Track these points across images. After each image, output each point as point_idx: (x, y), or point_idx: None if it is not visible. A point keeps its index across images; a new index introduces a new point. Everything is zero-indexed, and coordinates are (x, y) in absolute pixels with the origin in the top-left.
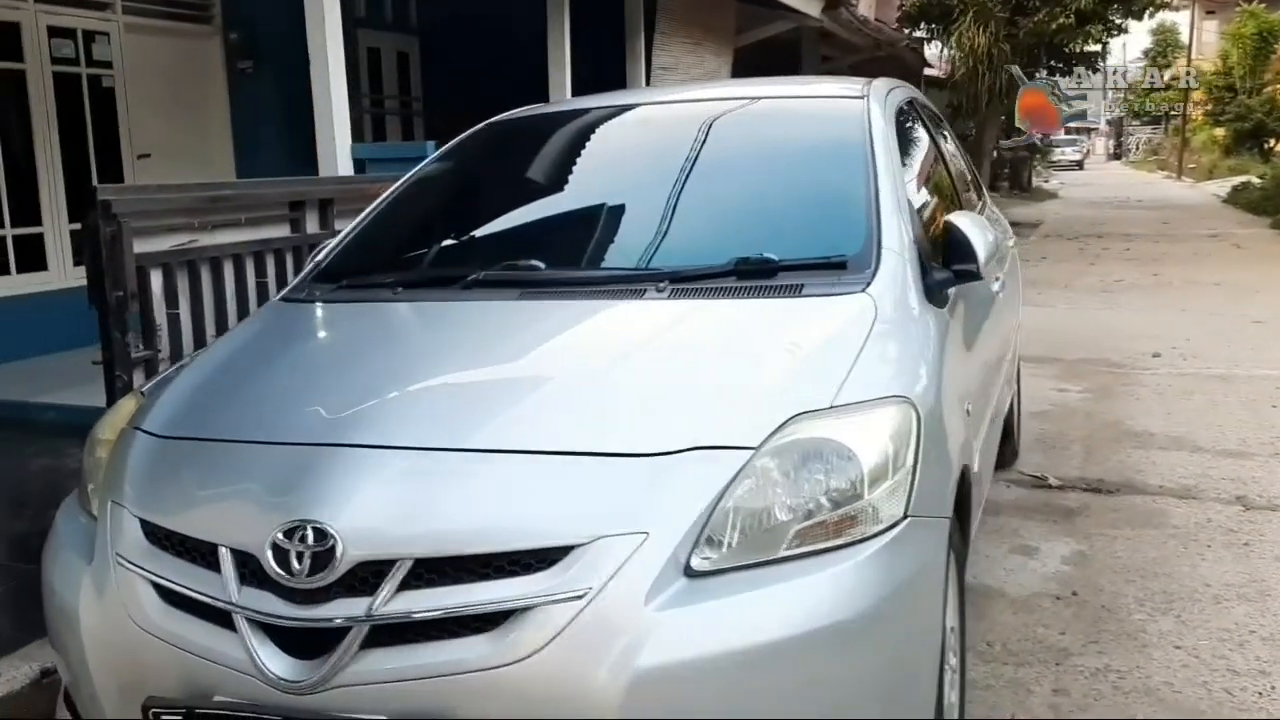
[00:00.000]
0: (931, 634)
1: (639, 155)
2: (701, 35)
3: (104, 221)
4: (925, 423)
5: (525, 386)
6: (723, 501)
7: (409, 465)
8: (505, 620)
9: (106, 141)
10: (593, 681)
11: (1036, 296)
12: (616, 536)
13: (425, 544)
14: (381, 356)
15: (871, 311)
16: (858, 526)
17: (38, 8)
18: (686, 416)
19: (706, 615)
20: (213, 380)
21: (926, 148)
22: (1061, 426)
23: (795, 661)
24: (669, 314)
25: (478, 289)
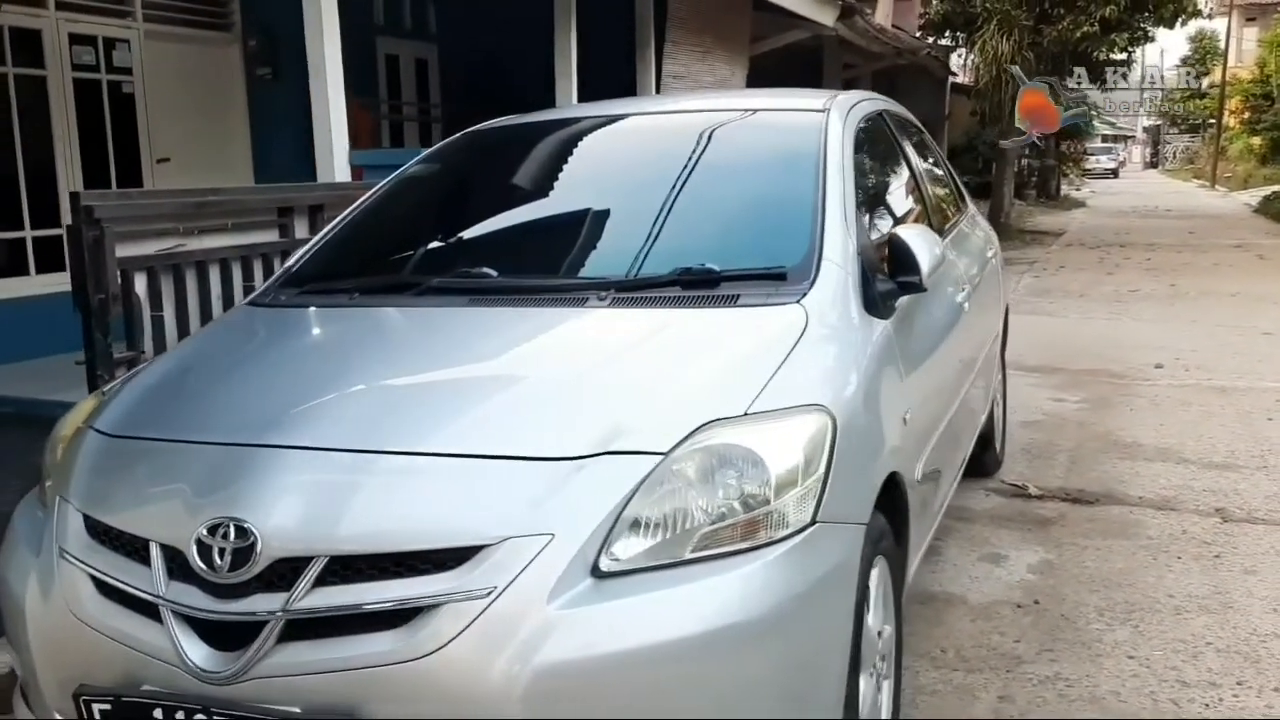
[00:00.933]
0: (839, 636)
1: (596, 167)
2: (712, 44)
3: (87, 226)
4: (843, 431)
5: (451, 391)
6: (630, 505)
7: (330, 466)
8: (414, 617)
9: (126, 146)
10: (494, 677)
11: (1048, 306)
12: (523, 537)
13: (340, 542)
14: (323, 360)
15: (802, 322)
16: (764, 531)
17: (59, 15)
18: (601, 422)
19: (609, 614)
20: (166, 381)
21: (891, 160)
22: (1051, 436)
23: (694, 661)
24: (604, 322)
25: (431, 295)
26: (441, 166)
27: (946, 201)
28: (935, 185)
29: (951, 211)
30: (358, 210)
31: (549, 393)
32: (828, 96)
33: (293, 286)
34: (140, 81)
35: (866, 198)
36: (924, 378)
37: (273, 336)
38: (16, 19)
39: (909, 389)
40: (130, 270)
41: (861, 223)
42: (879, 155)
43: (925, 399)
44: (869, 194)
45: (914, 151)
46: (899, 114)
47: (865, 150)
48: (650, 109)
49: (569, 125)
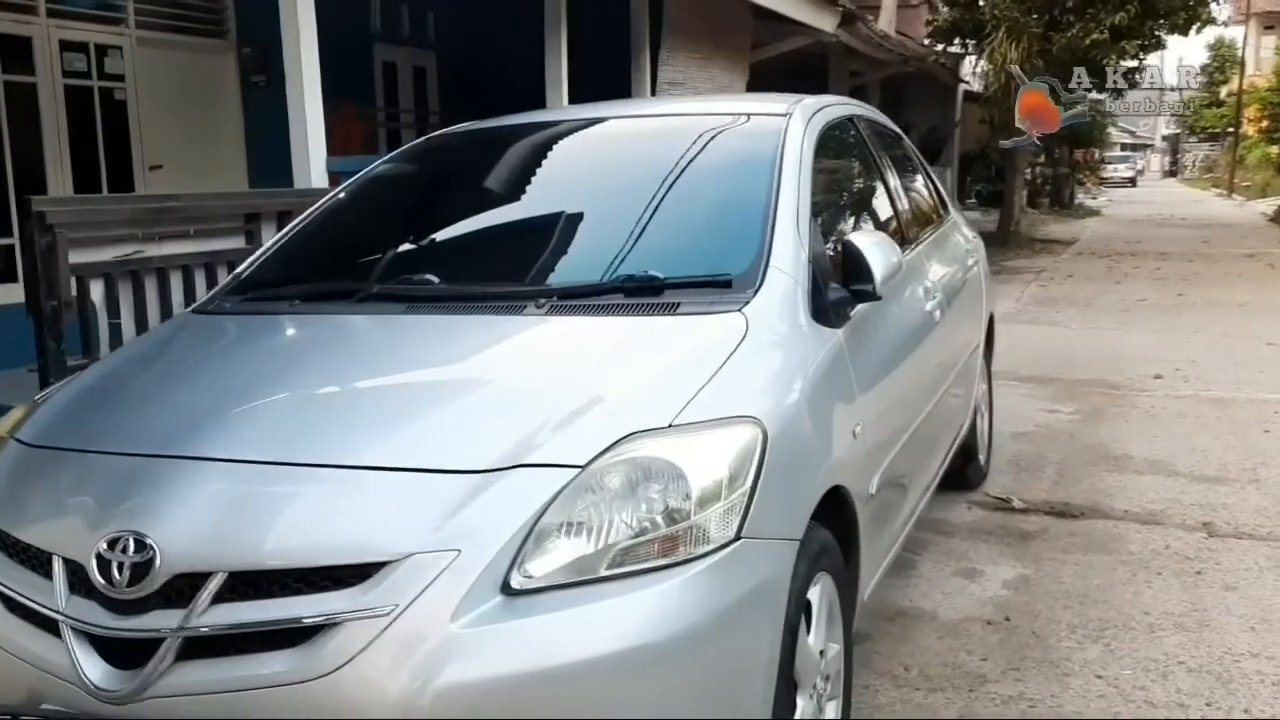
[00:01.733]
0: (764, 655)
1: (548, 174)
2: (711, 50)
3: (39, 232)
4: (775, 443)
5: (367, 401)
6: (543, 520)
7: (234, 478)
8: (314, 636)
9: (118, 153)
10: (391, 700)
11: (1052, 315)
12: (428, 554)
13: (240, 557)
14: (247, 369)
15: (742, 330)
16: (684, 547)
17: (49, 22)
18: (518, 434)
19: (516, 634)
20: (93, 389)
21: (859, 166)
22: (1041, 448)
23: (607, 682)
24: (537, 331)
25: (371, 302)
26: (396, 173)
27: (922, 209)
28: (910, 192)
29: (928, 219)
30: (310, 217)
31: (468, 403)
32: (792, 101)
33: (239, 294)
34: (133, 88)
35: (827, 204)
36: (882, 388)
37: (205, 345)
38: (6, 26)
39: (863, 400)
40: (86, 277)
41: (817, 230)
42: (845, 161)
43: (883, 411)
44: (831, 200)
45: (887, 157)
46: (873, 119)
47: (829, 156)
48: (611, 114)
49: (526, 131)
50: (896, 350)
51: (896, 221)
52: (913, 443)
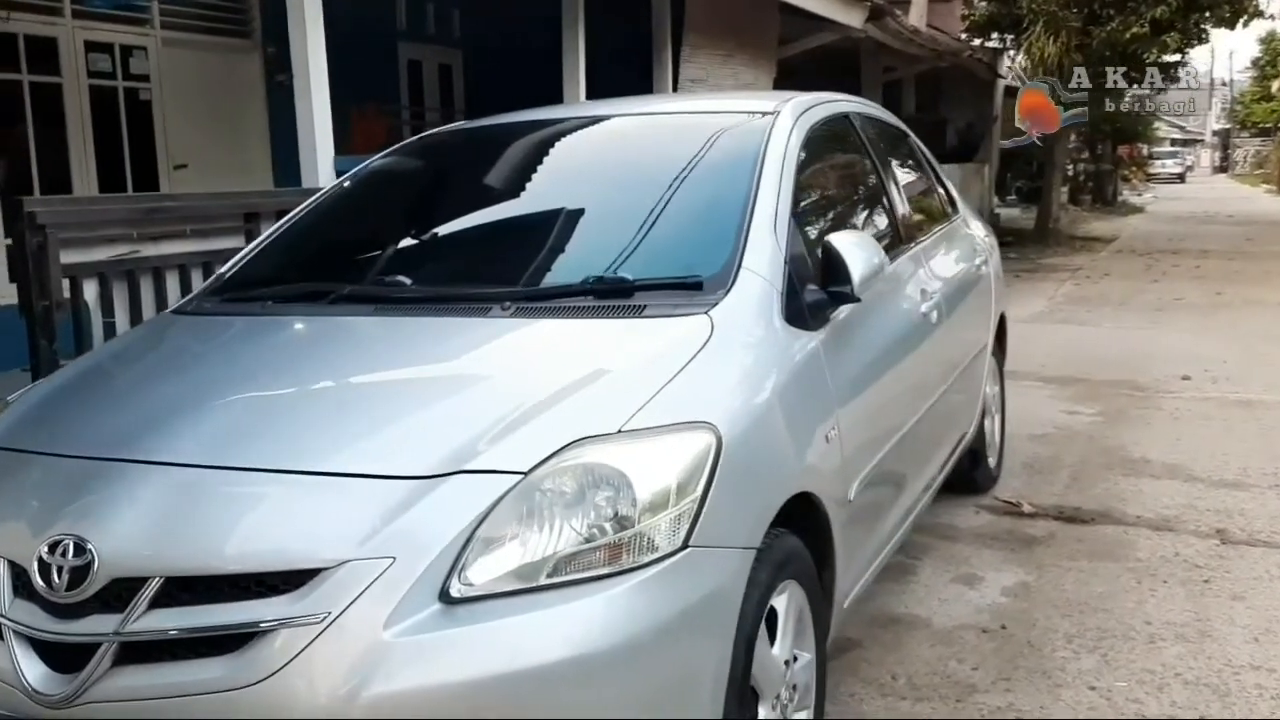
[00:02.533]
0: (712, 666)
1: (527, 175)
2: (735, 47)
3: (30, 232)
4: (731, 450)
5: (315, 404)
6: (483, 527)
7: (174, 482)
8: (247, 642)
9: (143, 153)
10: (323, 707)
11: (1084, 314)
12: (362, 561)
13: (176, 562)
14: (204, 370)
15: (705, 334)
16: (628, 555)
17: (75, 23)
18: (462, 439)
19: (451, 643)
20: (60, 390)
21: (854, 165)
22: (1057, 451)
23: (542, 692)
24: (498, 334)
25: (342, 303)
26: (378, 173)
27: (925, 208)
28: (911, 191)
29: (931, 218)
30: (295, 217)
31: (414, 407)
32: (782, 99)
33: (219, 294)
34: (158, 88)
35: (815, 204)
36: (867, 392)
37: (174, 346)
38: (32, 27)
39: (842, 404)
40: (79, 276)
41: (798, 230)
42: (838, 160)
43: (867, 414)
44: (819, 200)
45: (887, 156)
46: (873, 116)
47: (820, 155)
48: (600, 113)
49: (511, 131)
50: (885, 352)
51: (892, 221)
52: (904, 446)
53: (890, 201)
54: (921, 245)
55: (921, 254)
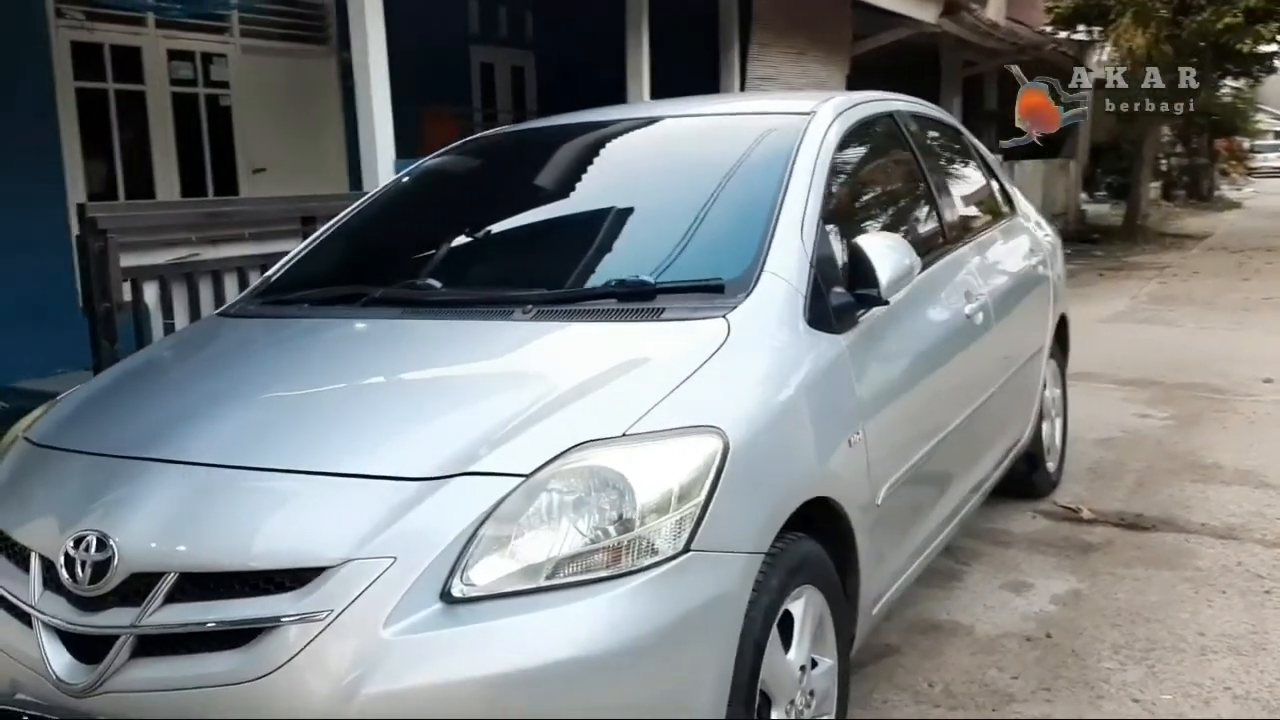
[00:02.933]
0: (713, 670)
1: (565, 178)
2: (806, 44)
3: (92, 237)
4: (739, 454)
5: (330, 405)
6: (485, 528)
7: (194, 481)
8: (255, 637)
9: (223, 157)
10: (321, 703)
11: (1167, 314)
12: (365, 560)
13: (189, 559)
14: (234, 371)
15: (721, 337)
16: (627, 558)
17: (158, 33)
18: (468, 441)
19: (450, 642)
20: (103, 390)
21: (897, 165)
22: (1124, 455)
23: (539, 693)
24: (517, 337)
25: (374, 306)
26: (420, 179)
27: (976, 207)
28: (961, 190)
29: (983, 218)
30: (340, 221)
31: (426, 409)
32: (821, 100)
33: (264, 296)
34: (237, 94)
35: (848, 205)
36: (900, 395)
37: (211, 347)
38: (118, 37)
39: (870, 408)
40: (140, 279)
41: (826, 232)
42: (879, 160)
43: (900, 418)
44: (853, 201)
45: (934, 155)
46: (924, 114)
47: (860, 155)
48: (634, 116)
49: (550, 135)
50: (921, 355)
51: (937, 221)
52: (944, 450)
53: (935, 201)
54: (969, 246)
55: (968, 254)
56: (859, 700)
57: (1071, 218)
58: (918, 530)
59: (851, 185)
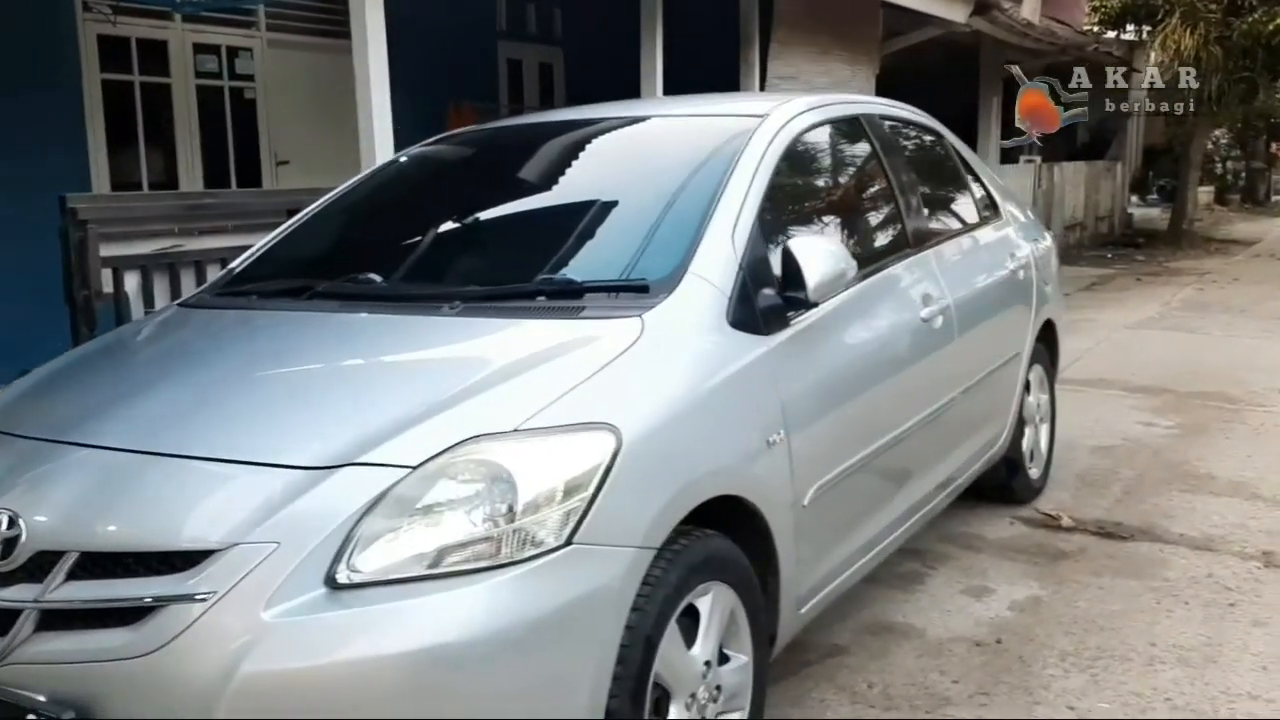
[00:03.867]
0: (592, 662)
1: (510, 179)
2: (829, 43)
3: (73, 227)
4: (631, 451)
5: (240, 395)
6: (369, 518)
7: (102, 465)
8: (146, 616)
9: (247, 150)
10: (201, 680)
11: (1196, 321)
12: (250, 545)
13: (89, 539)
14: (165, 359)
15: (633, 336)
16: (508, 550)
17: (184, 26)
18: (362, 432)
19: (329, 626)
20: (51, 374)
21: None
22: (1118, 463)
23: (412, 678)
24: (438, 332)
25: (317, 300)
26: (379, 177)
27: (948, 211)
28: (933, 194)
29: (954, 223)
30: (303, 218)
31: (331, 400)
32: (778, 102)
33: (224, 288)
34: (262, 88)
35: (796, 209)
36: (834, 397)
37: (159, 335)
38: (145, 31)
39: (797, 410)
40: (121, 269)
41: (766, 235)
42: (836, 163)
43: (833, 420)
44: (802, 205)
45: (904, 159)
46: (894, 116)
47: (814, 158)
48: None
49: (505, 136)
50: (865, 358)
51: (898, 226)
52: (892, 453)
53: (899, 205)
54: (934, 250)
55: (932, 259)
56: (796, 699)
57: (1117, 221)
58: (859, 531)
59: (801, 188)
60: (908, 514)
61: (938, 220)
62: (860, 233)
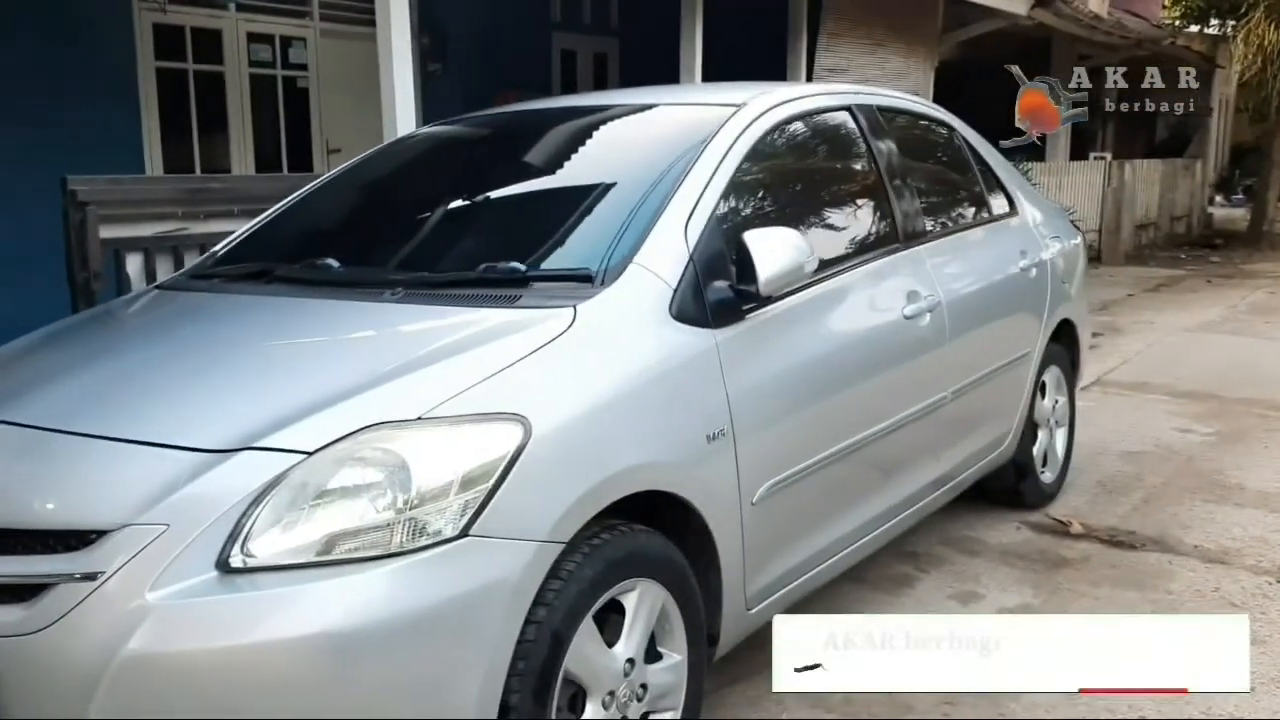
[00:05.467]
0: (484, 656)
1: (480, 169)
2: (884, 35)
3: (73, 209)
4: (542, 443)
5: (165, 375)
6: (264, 502)
7: (14, 441)
8: (40, 593)
9: (299, 137)
10: (86, 659)
11: (1259, 326)
12: (139, 526)
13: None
14: (108, 340)
15: (563, 326)
16: (399, 539)
17: (239, 16)
18: (265, 417)
19: (213, 609)
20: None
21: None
22: (1144, 470)
23: (295, 664)
24: (373, 318)
25: (276, 284)
26: (367, 163)
27: (950, 207)
28: (932, 190)
29: (956, 219)
30: (285, 205)
31: (246, 384)
32: (756, 92)
33: (199, 272)
34: (314, 77)
35: (764, 201)
36: (793, 392)
37: (119, 316)
38: (198, 20)
39: (746, 405)
40: (122, 250)
41: (722, 227)
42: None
43: (790, 416)
44: (772, 197)
45: (901, 152)
46: (894, 108)
47: (791, 150)
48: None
49: (486, 124)
50: (831, 354)
51: (886, 220)
52: (862, 454)
53: (888, 199)
54: (928, 245)
55: (924, 255)
56: (754, 699)
57: (1195, 221)
58: (826, 530)
59: (774, 179)
60: (888, 514)
61: (936, 216)
62: (836, 226)
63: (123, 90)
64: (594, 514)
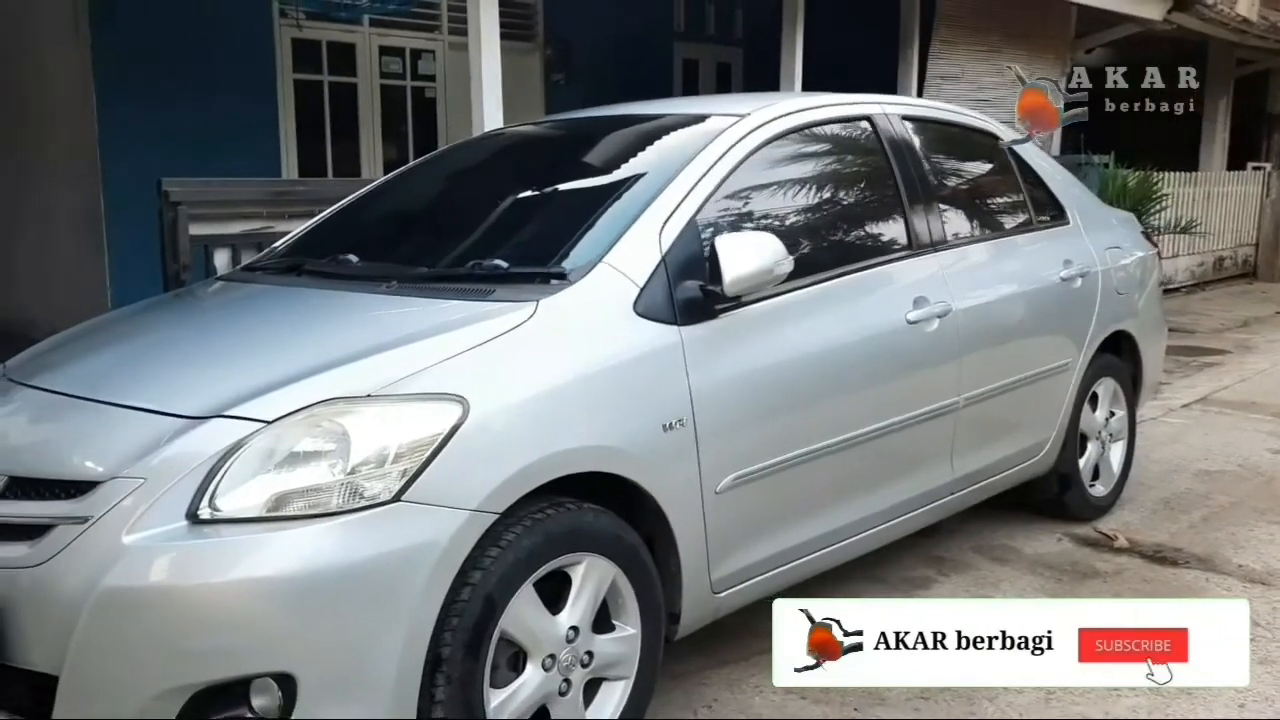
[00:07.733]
0: (410, 611)
1: (497, 175)
2: (1001, 40)
3: (166, 208)
4: (478, 422)
5: (176, 352)
6: (227, 463)
7: (41, 404)
8: (44, 532)
9: (425, 145)
10: (73, 590)
11: None
12: (122, 479)
13: (15, 466)
14: (153, 321)
15: (523, 319)
16: (338, 500)
17: (371, 31)
18: (239, 390)
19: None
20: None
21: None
22: (1215, 489)
23: (240, 603)
24: (362, 307)
25: (305, 276)
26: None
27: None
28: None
29: (987, 227)
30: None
31: (235, 361)
32: (762, 103)
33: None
34: (442, 88)
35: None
36: (766, 389)
37: (173, 303)
38: (334, 35)
39: (711, 398)
40: (211, 246)
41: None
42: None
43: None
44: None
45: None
46: (921, 117)
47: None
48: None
49: (511, 137)
50: (818, 354)
51: (900, 227)
52: (854, 453)
53: (901, 207)
54: (945, 253)
55: (938, 261)
56: (733, 682)
57: None
58: (805, 526)
59: (771, 186)
60: (889, 513)
61: (960, 224)
62: (834, 233)
63: (263, 99)
64: (531, 489)
